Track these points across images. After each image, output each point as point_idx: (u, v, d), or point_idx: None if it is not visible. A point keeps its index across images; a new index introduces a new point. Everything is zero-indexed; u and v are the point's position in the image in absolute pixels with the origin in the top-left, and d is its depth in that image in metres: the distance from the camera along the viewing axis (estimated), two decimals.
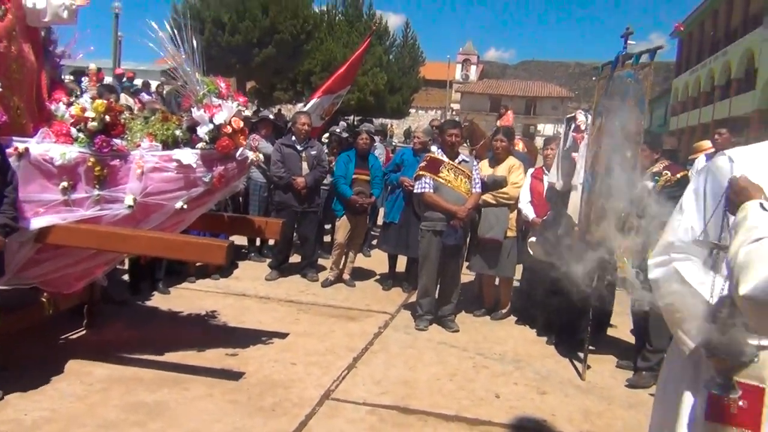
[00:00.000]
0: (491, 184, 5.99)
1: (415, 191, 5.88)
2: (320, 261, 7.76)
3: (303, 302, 6.37)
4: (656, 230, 2.23)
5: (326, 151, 7.93)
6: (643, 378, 4.71)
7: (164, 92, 13.36)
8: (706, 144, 8.24)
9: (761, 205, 1.55)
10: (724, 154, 1.92)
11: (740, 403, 1.77)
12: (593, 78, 5.17)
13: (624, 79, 4.68)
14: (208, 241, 4.31)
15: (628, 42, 4.83)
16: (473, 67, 73.11)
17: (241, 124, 4.40)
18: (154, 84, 15.17)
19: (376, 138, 8.87)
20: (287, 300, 6.40)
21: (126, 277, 6.31)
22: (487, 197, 5.95)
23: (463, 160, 5.88)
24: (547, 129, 55.06)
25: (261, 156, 4.83)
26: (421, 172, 5.78)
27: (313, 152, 7.24)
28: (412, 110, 50.61)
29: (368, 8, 42.88)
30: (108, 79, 10.77)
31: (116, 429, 3.58)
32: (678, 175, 4.78)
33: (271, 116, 9.58)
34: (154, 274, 6.31)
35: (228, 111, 4.34)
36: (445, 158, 5.80)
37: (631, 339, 5.46)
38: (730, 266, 1.50)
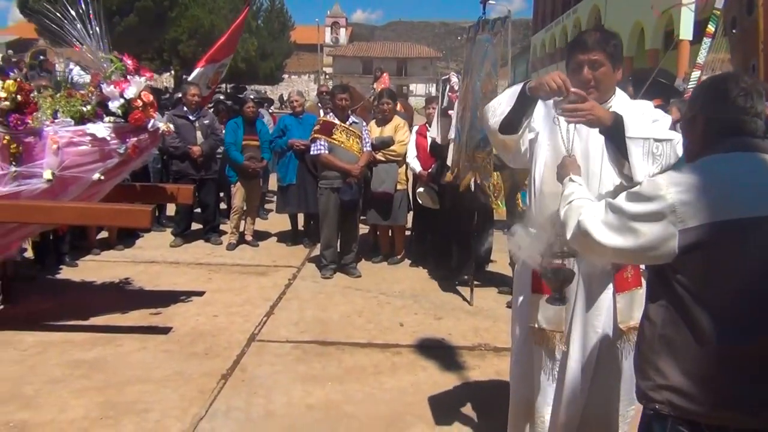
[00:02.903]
0: (380, 144, 6.60)
1: (311, 153, 6.36)
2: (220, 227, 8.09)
3: (212, 264, 6.74)
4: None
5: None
6: None
7: (24, 66, 12.79)
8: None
9: (571, 178, 2.25)
10: None
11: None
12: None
13: (483, 43, 5.36)
14: (133, 207, 4.60)
15: (489, 2, 5.53)
16: (342, 30, 73.23)
17: (151, 97, 4.69)
18: None
19: (263, 105, 9.22)
20: (196, 263, 6.74)
21: (29, 253, 6.37)
22: (378, 155, 6.56)
23: (354, 122, 6.43)
24: (419, 89, 56.65)
25: (171, 126, 5.12)
26: (315, 135, 6.27)
27: (206, 121, 7.51)
28: (285, 76, 50.29)
29: None
30: None
31: (64, 383, 3.90)
32: None
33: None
34: (58, 248, 6.41)
35: (137, 86, 4.61)
36: (336, 121, 6.32)
37: (509, 271, 6.33)
38: (561, 222, 2.19)
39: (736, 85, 1.78)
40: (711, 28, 4.77)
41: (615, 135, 2.29)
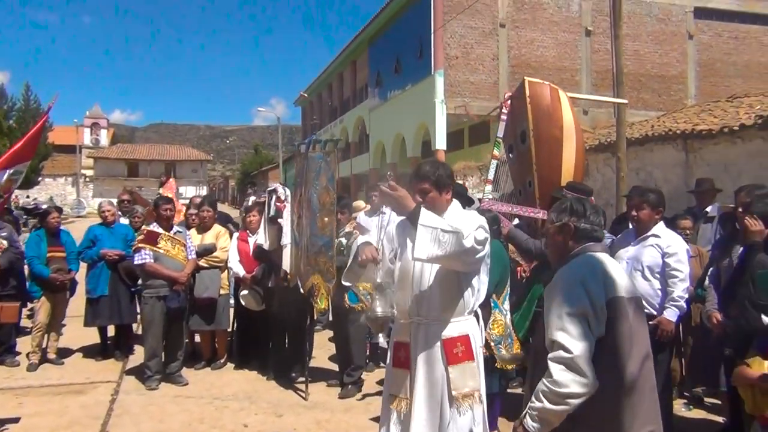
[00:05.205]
0: (203, 252, 6.81)
1: (136, 262, 6.33)
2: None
3: (17, 387, 6.20)
4: None
5: None
6: (350, 390, 6.02)
7: None
8: (362, 204, 9.49)
9: None
10: None
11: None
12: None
13: (316, 160, 5.99)
14: None
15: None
16: (103, 131, 69.86)
17: None
18: None
19: None
20: None
21: None
22: (201, 262, 6.74)
23: (177, 231, 6.59)
24: (189, 191, 55.66)
25: (5, 242, 4.88)
26: (140, 245, 6.29)
27: (3, 233, 7.02)
28: (40, 179, 46.57)
29: None
30: None
31: None
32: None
33: None
34: None
35: None
36: (160, 230, 6.42)
37: (329, 364, 6.80)
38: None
39: (590, 205, 2.64)
40: (496, 152, 5.99)
41: (413, 221, 2.96)
